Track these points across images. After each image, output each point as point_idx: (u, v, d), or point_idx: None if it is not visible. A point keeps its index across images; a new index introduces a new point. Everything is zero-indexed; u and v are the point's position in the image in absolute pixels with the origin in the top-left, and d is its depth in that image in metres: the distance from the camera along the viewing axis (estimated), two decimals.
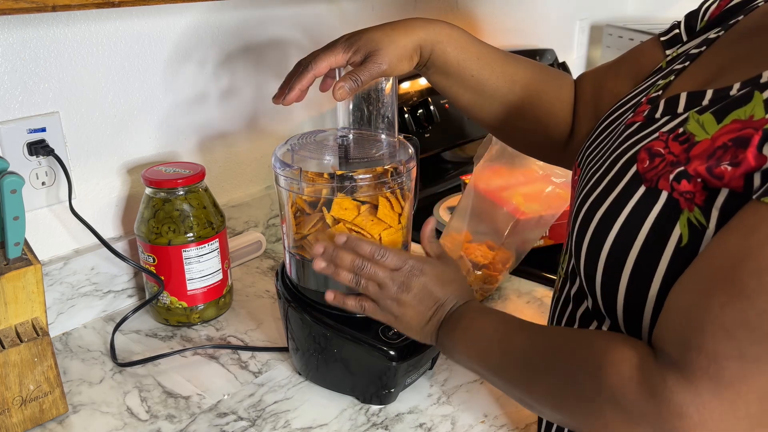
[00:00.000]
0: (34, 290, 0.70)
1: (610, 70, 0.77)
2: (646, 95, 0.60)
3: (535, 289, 0.98)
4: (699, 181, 0.46)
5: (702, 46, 0.60)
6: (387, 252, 0.65)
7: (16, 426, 0.69)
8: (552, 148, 0.81)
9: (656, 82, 0.62)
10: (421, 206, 1.08)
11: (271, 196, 1.11)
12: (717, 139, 0.46)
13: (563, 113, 0.79)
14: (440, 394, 0.76)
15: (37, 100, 0.81)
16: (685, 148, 0.48)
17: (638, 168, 0.51)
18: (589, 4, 1.81)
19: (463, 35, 0.75)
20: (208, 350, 0.84)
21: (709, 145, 0.46)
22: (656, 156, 0.50)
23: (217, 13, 0.96)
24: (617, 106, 0.64)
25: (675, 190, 0.47)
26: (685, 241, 0.46)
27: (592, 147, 0.63)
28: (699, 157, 0.46)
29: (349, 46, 0.70)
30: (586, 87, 0.79)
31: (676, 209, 0.47)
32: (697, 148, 0.47)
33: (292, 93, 0.70)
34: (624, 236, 0.50)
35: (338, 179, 0.69)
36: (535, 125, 0.79)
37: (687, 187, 0.47)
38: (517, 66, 0.78)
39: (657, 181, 0.49)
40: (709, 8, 0.65)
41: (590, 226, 0.53)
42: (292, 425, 0.71)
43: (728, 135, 0.45)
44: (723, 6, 0.63)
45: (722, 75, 0.53)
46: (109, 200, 0.92)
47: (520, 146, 0.85)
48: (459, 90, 0.77)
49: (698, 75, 0.56)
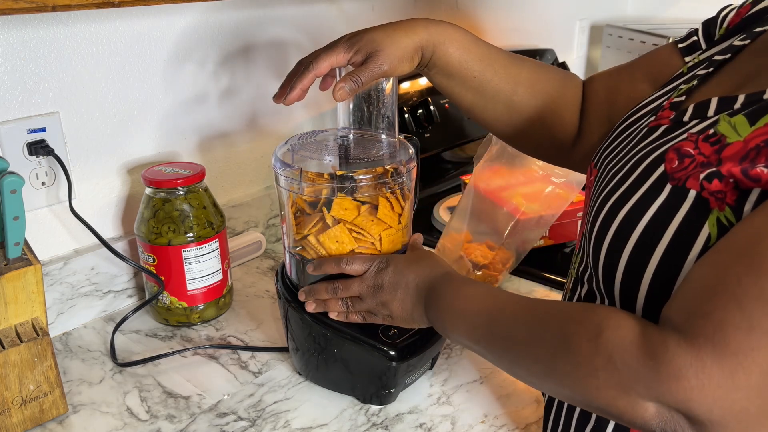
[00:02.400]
0: (34, 290, 0.70)
1: (624, 73, 0.75)
2: (668, 99, 0.60)
3: (535, 289, 0.98)
4: (731, 181, 0.46)
5: (727, 53, 0.60)
6: (352, 259, 0.70)
7: (16, 426, 0.69)
8: (558, 149, 0.81)
9: (678, 86, 0.61)
10: (421, 206, 1.08)
11: (271, 196, 1.11)
12: (750, 141, 0.46)
13: (569, 114, 0.78)
14: (440, 394, 0.77)
15: (37, 100, 0.82)
16: (716, 149, 0.48)
17: (666, 168, 0.51)
18: (589, 4, 1.81)
19: (465, 36, 0.75)
20: (208, 350, 0.84)
21: (741, 146, 0.46)
22: (686, 156, 0.50)
23: (217, 13, 0.96)
24: (637, 108, 0.64)
25: (705, 189, 0.47)
26: (714, 240, 0.46)
27: (611, 148, 0.62)
28: (731, 158, 0.46)
29: (351, 46, 0.70)
30: (598, 90, 0.78)
31: (705, 208, 0.47)
32: (729, 149, 0.47)
33: (294, 93, 0.70)
34: (649, 234, 0.49)
35: (338, 179, 0.69)
36: (539, 127, 0.79)
37: (718, 186, 0.46)
38: (521, 67, 0.77)
39: (685, 181, 0.48)
40: (728, 16, 0.64)
41: (612, 224, 0.52)
42: (292, 425, 0.71)
43: (762, 137, 0.45)
44: (743, 14, 0.63)
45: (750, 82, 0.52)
46: (109, 200, 0.92)
47: (525, 148, 0.84)
48: (461, 91, 0.77)
49: (726, 82, 0.56)
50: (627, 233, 0.51)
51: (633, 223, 0.51)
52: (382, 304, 0.68)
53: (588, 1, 1.81)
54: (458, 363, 0.82)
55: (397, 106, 0.76)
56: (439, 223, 1.17)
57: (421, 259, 0.70)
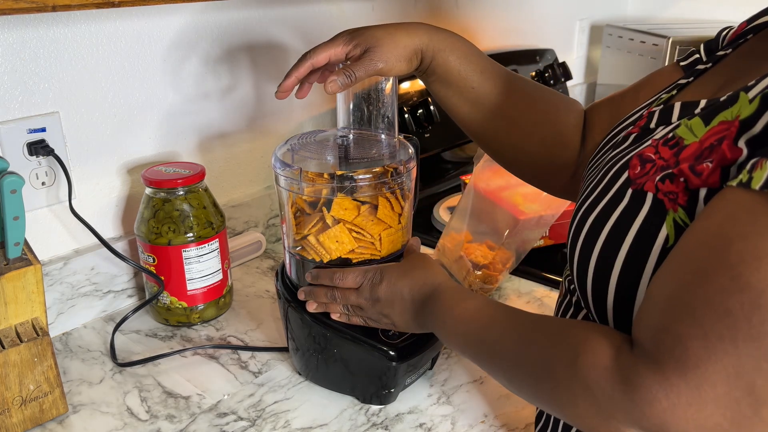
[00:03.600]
0: (34, 290, 0.70)
1: (628, 96, 0.74)
2: (648, 108, 0.60)
3: (535, 289, 0.98)
4: (682, 180, 0.46)
5: (708, 62, 0.61)
6: (344, 274, 0.69)
7: (16, 426, 0.69)
8: (555, 174, 0.78)
9: (660, 96, 0.62)
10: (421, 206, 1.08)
11: (271, 196, 1.11)
12: (705, 141, 0.46)
13: (570, 139, 0.76)
14: (440, 394, 0.77)
15: (37, 100, 0.82)
16: (674, 152, 0.48)
17: (629, 174, 0.51)
18: (589, 4, 1.81)
19: (468, 47, 0.74)
20: (208, 350, 0.84)
21: (697, 147, 0.47)
22: (647, 162, 0.50)
23: (217, 12, 0.96)
24: (623, 120, 0.64)
25: (660, 191, 0.47)
26: (672, 241, 0.46)
27: (595, 158, 0.63)
28: (687, 159, 0.47)
29: (350, 40, 0.70)
30: (603, 115, 0.76)
31: (662, 210, 0.47)
32: (686, 151, 0.47)
33: (289, 80, 0.70)
34: (613, 239, 0.50)
35: (338, 179, 0.69)
36: (539, 147, 0.76)
37: (670, 187, 0.47)
38: (524, 85, 0.76)
39: (644, 184, 0.49)
40: (727, 35, 0.64)
41: (582, 232, 0.53)
42: (292, 425, 0.71)
43: (715, 136, 0.45)
44: (739, 32, 0.63)
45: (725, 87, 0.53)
46: (109, 200, 0.92)
47: (521, 169, 0.81)
48: (458, 102, 0.76)
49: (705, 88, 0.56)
50: (594, 239, 0.51)
51: (598, 230, 0.51)
52: (383, 315, 0.69)
53: (588, 1, 1.81)
54: (458, 363, 0.82)
55: (397, 106, 0.76)
56: (439, 223, 1.17)
57: (414, 269, 0.69)
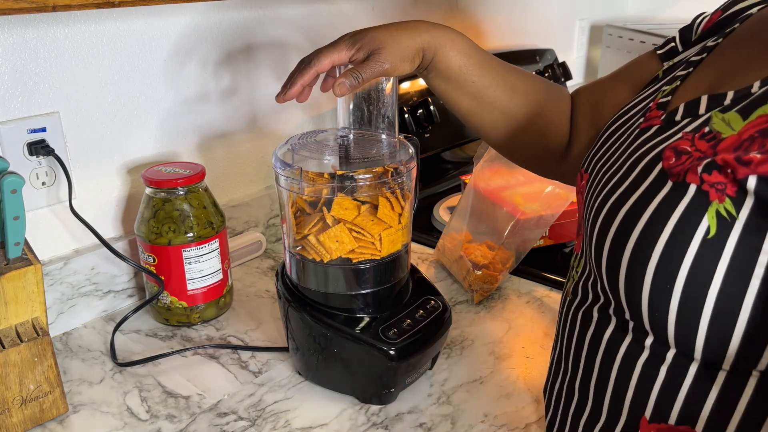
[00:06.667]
0: (34, 290, 0.70)
1: (607, 83, 0.78)
2: (654, 101, 0.61)
3: (535, 289, 0.98)
4: (729, 171, 0.46)
5: (702, 53, 0.62)
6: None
7: (16, 426, 0.69)
8: (549, 159, 0.82)
9: (661, 87, 0.63)
10: (421, 206, 1.09)
11: (271, 196, 1.11)
12: (743, 134, 0.47)
13: (560, 124, 0.80)
14: (440, 394, 0.77)
15: (37, 100, 0.82)
16: (711, 145, 0.48)
17: (664, 165, 0.51)
18: (589, 4, 1.81)
19: (466, 42, 0.76)
20: (208, 350, 0.84)
21: (735, 139, 0.47)
22: (683, 153, 0.50)
23: (217, 13, 0.97)
24: (622, 112, 0.65)
25: (705, 182, 0.47)
26: (713, 233, 0.46)
27: (602, 152, 0.63)
28: (726, 150, 0.47)
29: (353, 44, 0.70)
30: (583, 100, 0.80)
31: (704, 201, 0.47)
32: (724, 143, 0.47)
33: (293, 88, 0.71)
34: (649, 231, 0.49)
35: (338, 179, 0.69)
36: (535, 136, 0.80)
37: (718, 177, 0.46)
38: (518, 76, 0.79)
39: (684, 175, 0.49)
40: (702, 22, 0.67)
41: (613, 224, 0.53)
42: (292, 425, 0.71)
43: (755, 128, 0.46)
44: (715, 19, 0.65)
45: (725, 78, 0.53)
46: (109, 200, 0.92)
47: (517, 157, 0.86)
48: (459, 96, 0.77)
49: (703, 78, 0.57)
50: (628, 231, 0.51)
51: (634, 221, 0.51)
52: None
53: (588, 1, 1.81)
54: (458, 363, 0.82)
55: (397, 106, 0.76)
56: (439, 223, 1.17)
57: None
